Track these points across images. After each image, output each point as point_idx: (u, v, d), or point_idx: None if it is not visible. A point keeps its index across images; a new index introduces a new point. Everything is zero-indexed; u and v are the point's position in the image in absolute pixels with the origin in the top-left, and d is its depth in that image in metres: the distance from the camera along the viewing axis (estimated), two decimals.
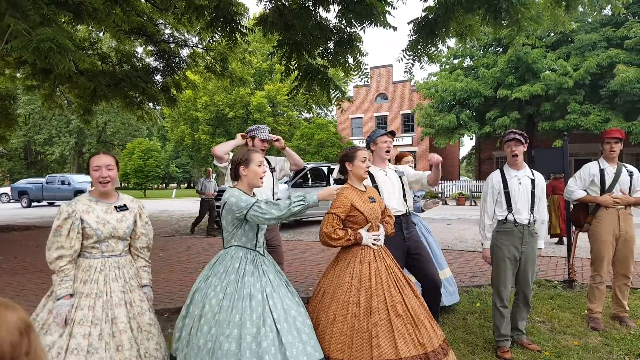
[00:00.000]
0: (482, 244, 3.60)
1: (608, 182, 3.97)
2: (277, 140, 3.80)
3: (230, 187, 2.69)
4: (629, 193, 3.97)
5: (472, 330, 3.96)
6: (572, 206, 4.37)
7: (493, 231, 3.56)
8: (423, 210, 4.65)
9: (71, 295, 2.30)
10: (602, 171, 4.01)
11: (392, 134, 3.62)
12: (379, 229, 2.88)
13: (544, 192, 3.60)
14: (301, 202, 2.45)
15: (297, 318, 2.44)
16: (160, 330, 2.57)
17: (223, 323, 2.30)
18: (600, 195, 4.00)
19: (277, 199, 3.86)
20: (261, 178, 2.63)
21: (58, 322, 2.24)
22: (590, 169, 4.08)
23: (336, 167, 3.04)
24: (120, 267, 2.46)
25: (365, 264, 2.71)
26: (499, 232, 3.49)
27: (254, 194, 2.71)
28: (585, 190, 4.11)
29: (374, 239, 2.78)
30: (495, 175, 3.57)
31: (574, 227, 4.40)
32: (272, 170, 3.95)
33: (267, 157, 3.99)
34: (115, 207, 2.49)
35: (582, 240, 5.85)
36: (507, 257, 3.44)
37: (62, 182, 23.38)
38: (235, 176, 2.66)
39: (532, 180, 3.51)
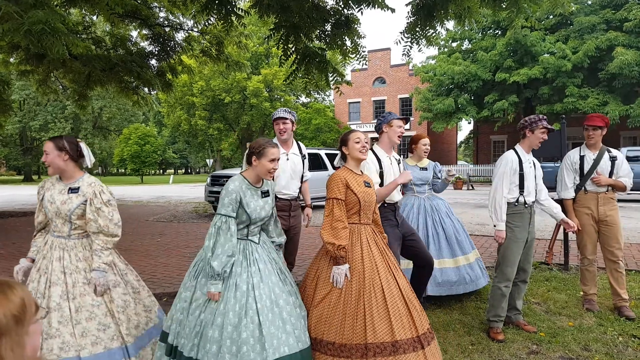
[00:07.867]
0: (495, 225, 3.47)
1: (586, 169, 4.04)
2: None
3: (239, 173, 2.69)
4: (610, 177, 3.99)
5: (468, 311, 4.00)
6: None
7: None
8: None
9: (32, 260, 2.63)
10: (582, 158, 4.09)
11: (407, 120, 3.55)
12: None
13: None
14: (214, 273, 2.37)
15: (284, 308, 2.45)
16: (112, 313, 2.56)
17: (211, 310, 2.38)
18: (580, 180, 4.07)
19: (305, 180, 4.01)
20: (270, 173, 2.59)
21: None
22: (572, 156, 4.15)
23: (338, 155, 3.03)
24: (67, 249, 2.55)
25: (357, 247, 2.71)
26: (513, 215, 3.50)
27: (262, 183, 2.69)
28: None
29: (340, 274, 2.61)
30: (512, 156, 3.52)
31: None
32: (304, 157, 4.03)
33: (299, 143, 4.09)
34: (70, 189, 2.58)
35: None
36: (520, 239, 3.49)
37: None
38: (248, 162, 2.67)
39: (534, 163, 3.62)
